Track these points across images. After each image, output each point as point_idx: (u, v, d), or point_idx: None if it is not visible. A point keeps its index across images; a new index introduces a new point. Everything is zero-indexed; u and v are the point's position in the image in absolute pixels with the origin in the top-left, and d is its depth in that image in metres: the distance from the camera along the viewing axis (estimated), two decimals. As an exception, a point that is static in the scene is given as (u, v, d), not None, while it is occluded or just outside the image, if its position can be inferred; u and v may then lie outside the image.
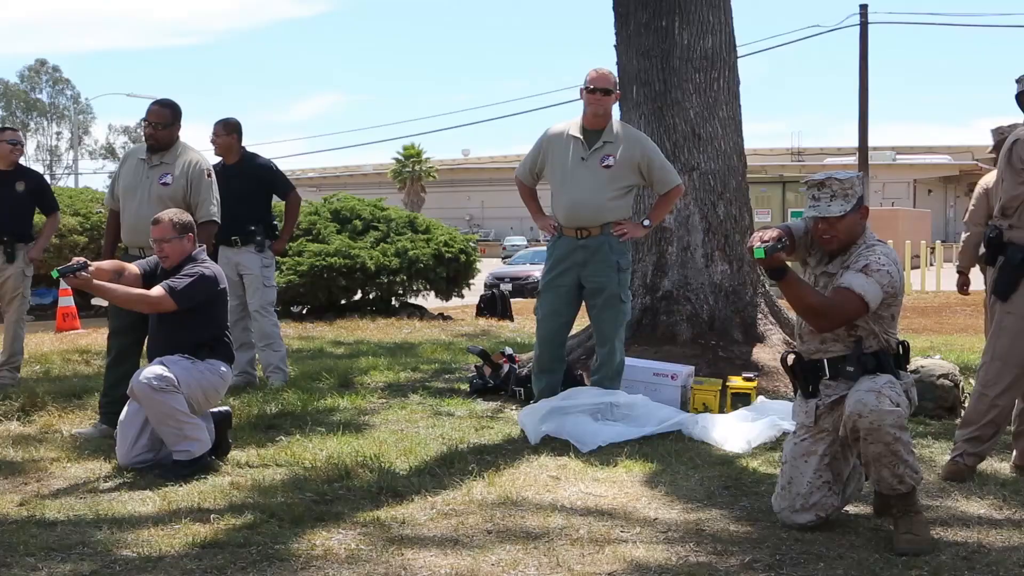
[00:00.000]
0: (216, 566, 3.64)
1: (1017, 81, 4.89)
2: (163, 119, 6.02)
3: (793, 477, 4.12)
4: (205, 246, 5.49)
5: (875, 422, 3.82)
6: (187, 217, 5.31)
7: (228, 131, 7.43)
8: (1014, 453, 5.02)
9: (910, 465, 3.89)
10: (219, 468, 5.03)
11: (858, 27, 28.44)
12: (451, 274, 15.79)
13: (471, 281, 16.62)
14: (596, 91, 5.93)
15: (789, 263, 4.01)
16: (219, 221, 6.20)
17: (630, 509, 4.35)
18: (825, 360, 4.09)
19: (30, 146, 76.55)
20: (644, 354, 6.81)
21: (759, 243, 3.88)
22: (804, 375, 4.16)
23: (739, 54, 7.87)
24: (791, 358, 4.23)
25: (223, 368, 5.21)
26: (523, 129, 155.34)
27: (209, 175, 6.12)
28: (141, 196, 5.97)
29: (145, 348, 5.46)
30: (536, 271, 25.24)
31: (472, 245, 16.74)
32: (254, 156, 7.61)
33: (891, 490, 3.91)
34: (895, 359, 4.04)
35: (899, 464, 3.85)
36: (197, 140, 6.94)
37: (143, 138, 6.15)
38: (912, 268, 25.71)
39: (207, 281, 5.15)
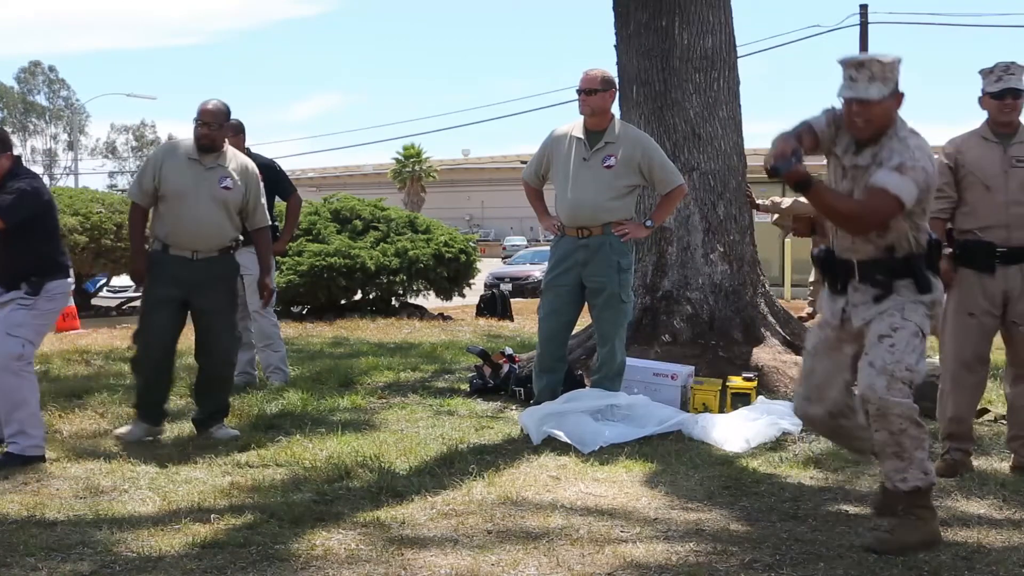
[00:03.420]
0: (216, 566, 3.64)
1: (984, 74, 4.95)
2: (218, 119, 5.76)
3: (814, 368, 4.04)
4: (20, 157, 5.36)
5: (881, 409, 3.73)
6: (2, 133, 5.26)
7: (235, 132, 7.41)
8: (1013, 456, 5.03)
9: (916, 463, 3.78)
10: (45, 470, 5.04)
11: (858, 27, 28.41)
12: (451, 274, 15.78)
13: (471, 281, 16.62)
14: (580, 92, 5.99)
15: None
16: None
17: (630, 509, 4.35)
18: (855, 261, 3.93)
19: (27, 148, 76.54)
20: (644, 354, 6.81)
21: (773, 161, 3.70)
22: (833, 272, 4.02)
23: (739, 54, 7.87)
24: (823, 253, 4.06)
25: (59, 287, 5.22)
26: (523, 129, 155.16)
27: (259, 179, 6.01)
28: (200, 198, 5.66)
29: None
30: (536, 271, 25.25)
31: (472, 245, 16.73)
32: (258, 156, 7.60)
33: (893, 486, 3.84)
34: (927, 259, 3.89)
35: (903, 456, 3.77)
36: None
37: (196, 139, 5.74)
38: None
39: (27, 196, 5.09)
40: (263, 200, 5.99)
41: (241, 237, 7.28)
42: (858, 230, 3.85)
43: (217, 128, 5.74)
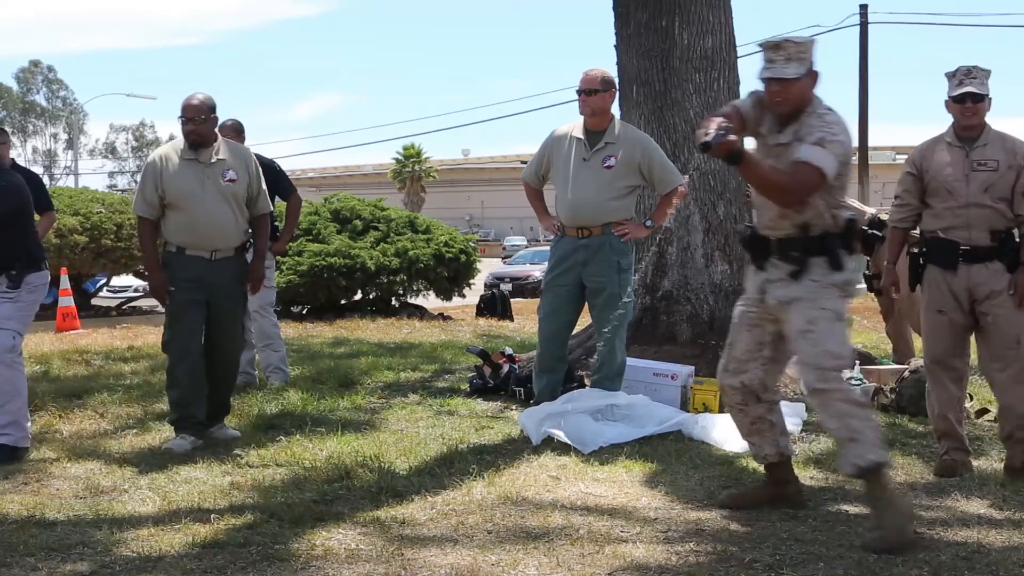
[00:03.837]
0: (216, 566, 3.64)
1: (948, 77, 4.99)
2: (202, 112, 5.61)
3: (735, 341, 4.27)
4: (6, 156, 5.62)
5: (822, 399, 3.93)
6: None
7: (236, 132, 7.41)
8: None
9: (865, 442, 3.89)
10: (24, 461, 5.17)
11: (858, 27, 28.40)
12: (451, 274, 15.80)
13: (471, 281, 16.63)
14: (580, 92, 6.00)
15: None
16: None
17: (630, 509, 4.35)
18: (773, 239, 4.12)
19: (27, 149, 76.57)
20: (644, 354, 6.81)
21: (704, 137, 3.82)
22: (754, 248, 4.23)
23: (739, 54, 7.87)
24: (747, 231, 4.29)
25: (39, 279, 5.42)
26: (523, 129, 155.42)
27: (256, 163, 5.95)
28: (207, 196, 5.56)
29: None
30: (536, 271, 25.27)
31: (472, 245, 16.75)
32: (258, 156, 7.58)
33: (848, 472, 3.96)
34: (841, 238, 4.06)
35: (858, 439, 3.88)
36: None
37: (184, 136, 5.62)
38: (912, 268, 25.68)
39: (6, 193, 5.29)
40: (264, 185, 5.93)
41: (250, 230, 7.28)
42: (786, 202, 4.02)
43: (203, 122, 5.60)
